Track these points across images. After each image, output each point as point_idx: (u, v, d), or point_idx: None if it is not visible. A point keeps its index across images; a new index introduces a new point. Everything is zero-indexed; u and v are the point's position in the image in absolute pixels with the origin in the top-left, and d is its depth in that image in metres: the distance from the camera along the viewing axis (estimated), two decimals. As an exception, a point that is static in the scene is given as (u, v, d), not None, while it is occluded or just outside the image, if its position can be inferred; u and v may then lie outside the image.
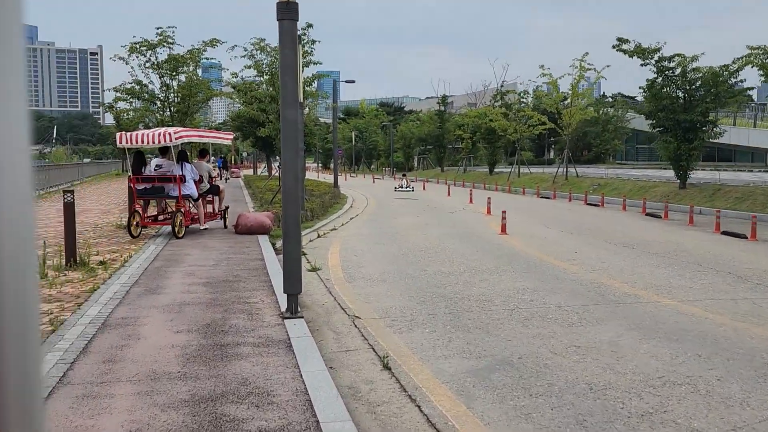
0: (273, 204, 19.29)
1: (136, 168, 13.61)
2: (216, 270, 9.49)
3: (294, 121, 6.78)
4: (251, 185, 32.27)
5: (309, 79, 19.12)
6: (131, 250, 11.57)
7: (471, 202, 24.30)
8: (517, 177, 37.19)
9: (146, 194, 13.62)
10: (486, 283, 9.05)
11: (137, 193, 13.40)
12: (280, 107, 6.87)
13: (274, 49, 21.43)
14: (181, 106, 24.90)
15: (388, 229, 15.94)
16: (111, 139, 63.34)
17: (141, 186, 13.36)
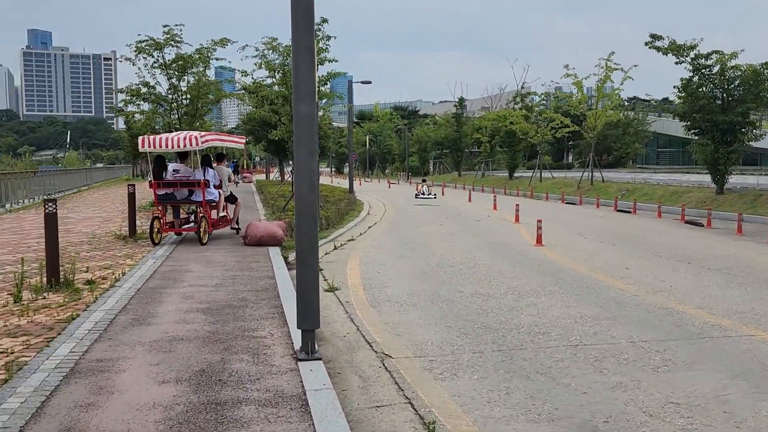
0: (285, 211, 18.02)
1: (157, 173, 13.06)
2: (219, 291, 8.21)
3: (309, 116, 5.49)
4: (263, 191, 31.07)
5: (323, 78, 17.85)
6: (126, 265, 10.31)
7: (495, 209, 22.92)
8: (538, 182, 35.74)
9: (167, 200, 13.08)
10: (534, 308, 7.69)
11: (158, 198, 12.87)
12: (293, 99, 5.58)
13: (287, 48, 20.20)
14: (189, 108, 23.74)
15: (410, 239, 14.62)
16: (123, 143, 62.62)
17: (162, 191, 12.88)
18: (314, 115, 5.54)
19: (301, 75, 5.47)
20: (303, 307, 5.57)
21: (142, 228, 15.59)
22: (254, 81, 19.48)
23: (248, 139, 37.99)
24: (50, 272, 8.39)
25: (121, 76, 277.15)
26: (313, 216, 5.55)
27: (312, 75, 5.49)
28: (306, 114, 5.48)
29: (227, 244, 12.93)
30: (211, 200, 13.04)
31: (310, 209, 5.53)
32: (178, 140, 12.43)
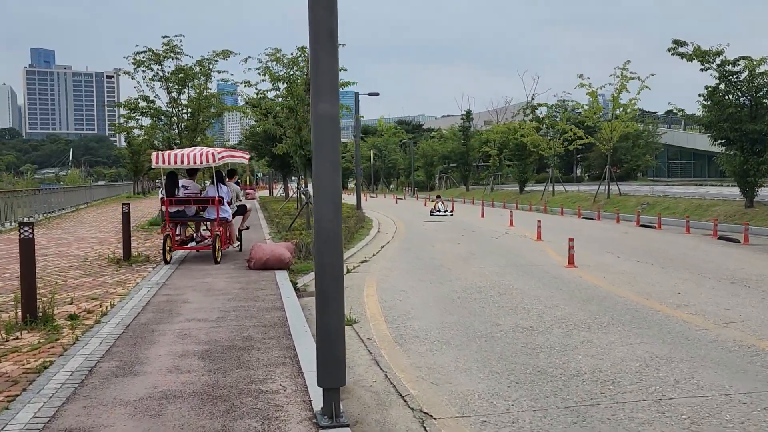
0: (292, 230, 16.91)
1: (169, 189, 12.75)
2: (220, 328, 7.07)
3: (330, 118, 4.39)
4: (267, 207, 29.99)
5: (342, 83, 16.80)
6: (116, 295, 9.18)
7: (512, 225, 21.77)
8: (551, 196, 34.59)
9: (179, 217, 12.80)
10: (591, 347, 6.53)
11: (170, 216, 12.50)
12: (311, 97, 4.47)
13: (291, 60, 19.22)
14: (190, 123, 22.71)
15: (428, 260, 13.47)
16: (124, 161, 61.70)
17: (173, 208, 12.57)
18: (337, 116, 4.43)
19: (321, 66, 4.36)
20: (326, 359, 4.42)
21: (138, 250, 14.50)
22: (258, 92, 18.44)
23: (251, 155, 36.99)
24: (26, 307, 7.26)
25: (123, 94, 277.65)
26: (337, 245, 4.42)
27: (334, 66, 4.39)
28: (327, 115, 4.37)
29: (230, 268, 11.80)
30: (225, 218, 12.67)
31: (334, 237, 4.40)
32: (194, 156, 12.14)
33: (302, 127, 16.57)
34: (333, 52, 4.37)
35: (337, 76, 4.41)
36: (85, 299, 8.87)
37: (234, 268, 11.76)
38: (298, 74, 17.02)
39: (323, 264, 4.38)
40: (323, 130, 4.37)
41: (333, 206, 4.38)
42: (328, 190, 4.37)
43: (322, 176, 4.38)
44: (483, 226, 22.25)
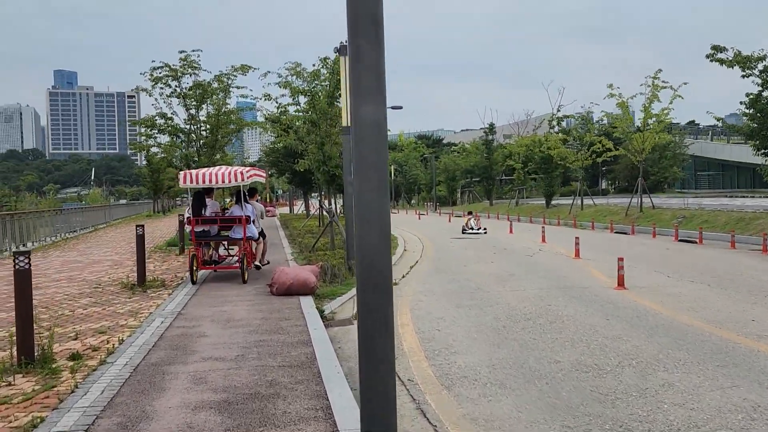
0: (315, 251, 16.05)
1: (196, 209, 12.59)
2: (241, 370, 6.19)
3: (376, 124, 3.51)
4: (288, 225, 29.21)
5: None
6: (127, 327, 8.34)
7: (544, 242, 20.75)
8: (579, 209, 33.46)
9: (205, 237, 12.56)
10: (675, 392, 5.55)
11: (195, 235, 12.27)
12: (351, 99, 3.59)
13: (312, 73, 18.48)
14: (209, 140, 22.06)
15: (463, 282, 12.52)
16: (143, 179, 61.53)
17: (199, 228, 12.33)
18: (384, 122, 3.55)
19: (364, 60, 3.49)
20: (372, 425, 3.51)
21: (154, 274, 13.73)
22: (278, 105, 17.70)
23: (271, 171, 36.35)
24: (21, 347, 6.43)
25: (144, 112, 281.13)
26: (386, 283, 3.52)
27: (380, 60, 3.51)
28: (371, 121, 3.49)
29: (250, 294, 10.96)
30: (251, 236, 12.48)
31: (383, 280, 3.50)
32: (223, 175, 12.00)
33: (325, 142, 15.78)
34: (378, 42, 3.50)
35: (383, 71, 3.53)
36: (92, 333, 8.05)
37: (255, 294, 10.91)
38: (320, 87, 16.24)
39: (370, 314, 3.49)
40: (367, 140, 3.49)
41: (381, 237, 3.48)
42: (375, 216, 3.48)
43: (366, 198, 3.49)
44: (514, 242, 21.25)
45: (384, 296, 3.50)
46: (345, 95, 13.93)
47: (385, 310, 3.49)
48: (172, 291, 11.46)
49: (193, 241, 12.30)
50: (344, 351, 7.44)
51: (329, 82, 15.93)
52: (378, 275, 3.50)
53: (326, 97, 15.75)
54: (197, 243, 12.34)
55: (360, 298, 3.56)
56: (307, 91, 16.49)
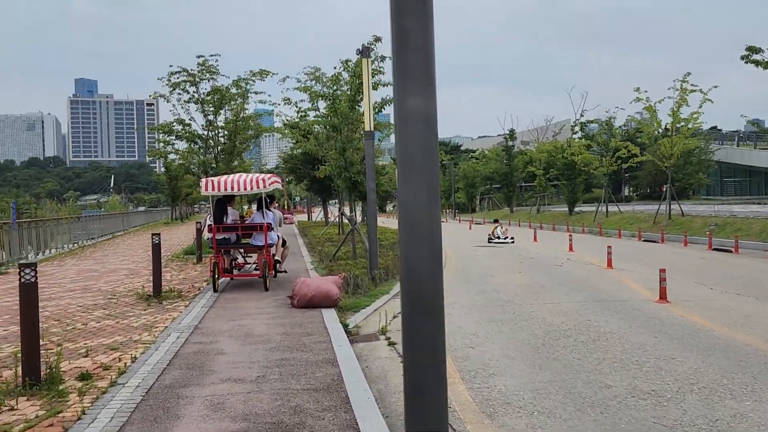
0: (337, 260, 15.52)
1: (218, 216, 12.57)
2: (261, 393, 5.65)
3: (426, 118, 2.96)
4: (306, 233, 28.74)
5: (378, 105, 15.45)
6: (140, 343, 7.85)
7: (572, 250, 20.07)
8: (604, 217, 32.67)
9: (226, 244, 12.46)
10: (750, 424, 4.93)
11: (217, 243, 12.17)
12: (396, 89, 3.04)
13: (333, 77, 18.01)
14: (227, 146, 21.66)
15: (492, 293, 11.92)
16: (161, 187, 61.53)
17: (220, 236, 12.25)
18: (434, 117, 3.00)
19: (409, 43, 2.95)
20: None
21: (171, 284, 13.29)
22: (298, 109, 17.24)
23: (289, 178, 35.95)
24: (26, 367, 5.95)
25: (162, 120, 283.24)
26: (438, 307, 2.98)
27: (429, 42, 2.97)
28: (420, 114, 2.95)
29: (271, 305, 10.45)
30: (272, 244, 12.44)
31: (433, 294, 2.96)
32: (245, 182, 11.94)
33: (346, 147, 15.26)
34: (426, 19, 2.96)
35: (432, 55, 2.99)
36: (103, 349, 7.57)
37: (275, 306, 10.41)
38: (341, 91, 15.74)
39: (418, 343, 2.93)
40: (415, 137, 2.94)
41: (431, 253, 2.94)
42: (424, 229, 2.94)
43: (413, 207, 2.94)
44: (540, 251, 20.59)
45: (435, 322, 2.96)
46: (367, 99, 13.43)
47: (435, 338, 2.95)
48: (189, 303, 10.98)
49: (214, 248, 12.17)
50: (372, 371, 6.89)
51: (350, 86, 15.42)
52: (428, 298, 2.96)
53: (348, 101, 15.24)
54: (218, 251, 12.20)
55: (406, 324, 3.02)
56: (328, 95, 16.00)
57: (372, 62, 14.35)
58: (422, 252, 2.92)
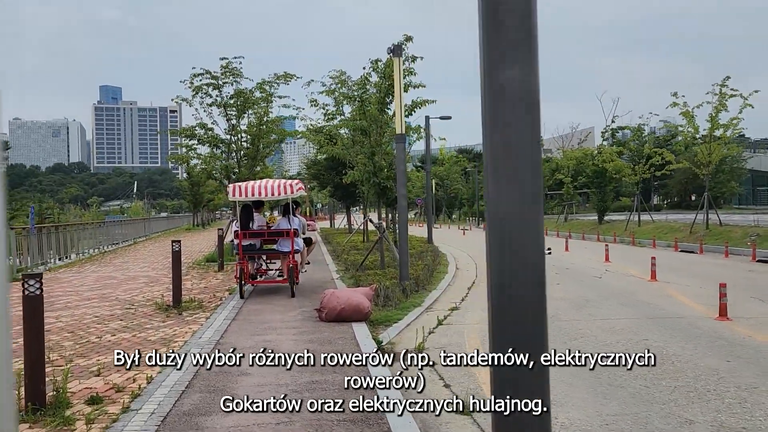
0: (364, 270, 14.82)
1: (244, 222, 12.36)
2: (292, 425, 4.97)
3: (528, 94, 2.24)
4: (330, 240, 28.09)
5: (409, 108, 14.72)
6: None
7: (608, 261, 19.18)
8: (636, 226, 31.63)
9: (252, 250, 12.41)
10: None
11: (243, 249, 12.10)
12: (484, 60, 2.32)
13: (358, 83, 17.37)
14: (250, 150, 21.11)
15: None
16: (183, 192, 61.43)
17: (246, 242, 12.18)
18: (536, 93, 2.28)
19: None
20: None
21: (191, 293, 12.68)
22: (325, 112, 16.62)
23: (312, 184, 35.40)
24: (30, 391, 5.31)
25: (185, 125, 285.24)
26: (540, 343, 2.25)
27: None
28: (518, 91, 2.23)
29: (297, 318, 9.78)
30: (298, 250, 12.30)
31: (534, 322, 2.24)
32: (272, 188, 11.98)
33: (375, 151, 14.56)
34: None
35: (534, 11, 2.27)
36: (117, 368, 6.92)
37: (301, 319, 9.73)
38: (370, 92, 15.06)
39: (514, 397, 2.21)
40: (512, 121, 2.23)
41: (533, 272, 2.22)
42: (523, 240, 2.21)
43: (508, 213, 2.23)
44: (574, 261, 19.72)
45: (539, 376, 2.22)
46: (398, 100, 12.75)
47: (541, 393, 2.21)
48: (210, 314, 10.34)
49: (241, 254, 12.07)
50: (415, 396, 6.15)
51: (380, 88, 14.74)
52: (526, 332, 2.22)
53: (377, 104, 14.55)
54: (244, 257, 12.14)
55: (496, 372, 2.29)
56: (356, 98, 15.35)
57: (405, 61, 13.67)
58: (518, 267, 2.21)
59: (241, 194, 12.00)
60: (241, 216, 12.46)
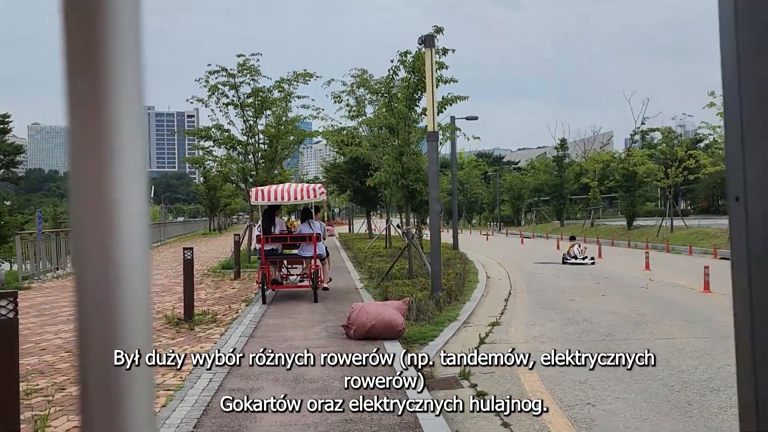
0: (391, 279, 13.76)
1: (266, 226, 12.29)
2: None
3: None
4: (350, 246, 27.05)
5: (440, 104, 13.57)
6: (163, 388, 6.17)
7: (648, 269, 17.97)
8: (669, 232, 30.30)
9: (272, 255, 12.24)
10: None
11: (265, 254, 11.94)
12: None
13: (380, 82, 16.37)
14: (268, 152, 20.15)
15: (583, 323, 9.99)
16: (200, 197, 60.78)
17: (268, 246, 12.02)
18: None
19: None
20: None
21: (205, 304, 11.72)
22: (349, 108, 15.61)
23: (331, 188, 34.44)
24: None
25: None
26: None
27: None
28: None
29: (321, 335, 8.75)
30: (320, 254, 12.06)
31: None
32: (295, 192, 11.88)
33: (404, 151, 13.48)
34: None
35: None
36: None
37: (326, 336, 8.70)
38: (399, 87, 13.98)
39: None
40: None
41: None
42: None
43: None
44: (612, 269, 18.53)
45: None
46: (431, 94, 11.68)
47: None
48: (225, 329, 9.34)
49: (263, 259, 11.91)
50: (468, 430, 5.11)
51: (408, 83, 13.66)
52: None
53: (405, 100, 13.48)
54: (266, 262, 11.94)
55: None
56: (383, 92, 14.32)
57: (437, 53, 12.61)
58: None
59: (264, 198, 11.87)
60: (263, 220, 12.31)
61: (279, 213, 12.98)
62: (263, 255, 11.86)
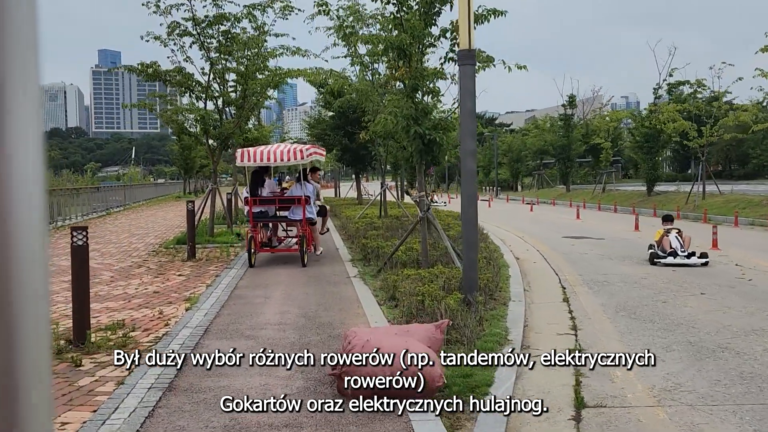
0: (395, 265, 9.89)
1: (253, 189, 12.01)
2: None
3: None
4: (338, 214, 23.04)
5: (483, 15, 9.34)
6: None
7: (717, 247, 14.27)
8: (701, 199, 26.59)
9: (263, 218, 11.99)
10: None
11: (253, 216, 11.61)
12: None
13: (381, 18, 12.32)
14: (236, 100, 16.05)
15: (729, 359, 6.19)
16: (173, 157, 56.42)
17: (257, 209, 11.70)
18: None
19: None
20: None
21: (127, 307, 7.83)
22: (343, 27, 11.58)
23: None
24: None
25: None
26: None
27: None
28: None
29: (296, 389, 4.90)
30: (310, 218, 11.78)
31: None
32: (282, 153, 11.65)
33: (418, 85, 9.46)
34: None
35: None
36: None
37: (304, 390, 4.86)
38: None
39: None
40: None
41: None
42: None
43: None
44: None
45: None
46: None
47: None
48: (132, 368, 5.44)
49: (252, 222, 11.69)
50: None
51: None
52: None
53: (423, 14, 9.40)
54: (254, 224, 11.72)
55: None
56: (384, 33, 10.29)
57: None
58: None
59: (250, 159, 11.64)
60: (251, 182, 12.17)
61: (269, 174, 12.87)
62: (251, 217, 11.67)
